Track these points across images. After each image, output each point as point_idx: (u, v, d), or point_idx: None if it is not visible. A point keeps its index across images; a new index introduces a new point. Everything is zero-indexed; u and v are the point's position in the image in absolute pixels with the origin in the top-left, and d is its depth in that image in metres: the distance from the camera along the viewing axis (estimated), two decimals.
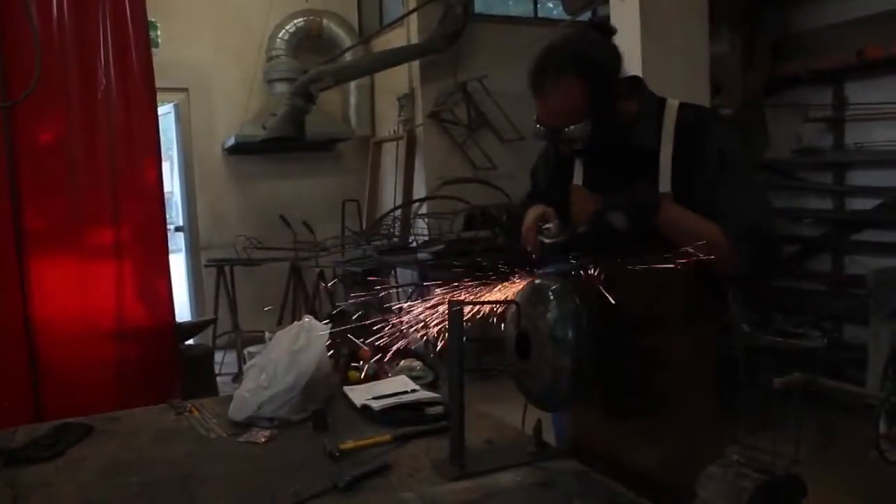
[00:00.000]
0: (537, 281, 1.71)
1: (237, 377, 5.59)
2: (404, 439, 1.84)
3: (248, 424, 1.99)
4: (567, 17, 7.33)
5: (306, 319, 2.22)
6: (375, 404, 2.00)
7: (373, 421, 1.99)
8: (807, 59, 5.01)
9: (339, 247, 6.68)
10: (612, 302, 1.59)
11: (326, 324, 2.15)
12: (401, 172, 7.32)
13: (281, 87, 7.19)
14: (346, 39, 7.56)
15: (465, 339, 1.63)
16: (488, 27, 7.12)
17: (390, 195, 7.51)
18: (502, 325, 1.79)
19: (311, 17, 7.45)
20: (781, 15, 5.37)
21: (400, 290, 6.80)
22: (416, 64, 6.93)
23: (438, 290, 1.70)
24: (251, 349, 3.04)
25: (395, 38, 7.10)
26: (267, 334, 3.00)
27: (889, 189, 4.82)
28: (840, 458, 3.35)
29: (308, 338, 2.10)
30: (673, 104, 1.77)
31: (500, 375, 1.66)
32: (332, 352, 2.21)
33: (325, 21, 7.50)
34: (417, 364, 2.39)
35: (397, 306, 1.75)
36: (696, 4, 4.26)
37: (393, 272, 6.81)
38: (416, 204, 6.87)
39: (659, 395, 1.74)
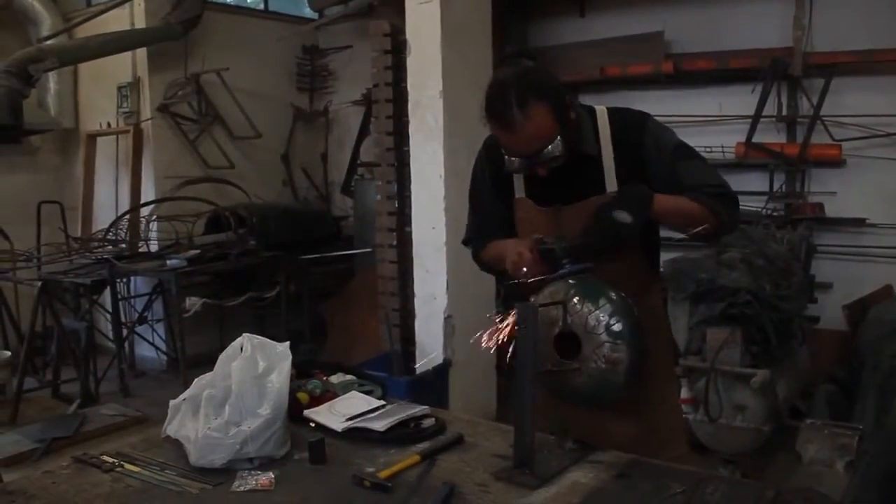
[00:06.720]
0: (570, 281, 1.71)
1: None
2: (430, 456, 1.70)
3: (222, 470, 1.66)
4: (303, 15, 7.20)
5: (248, 338, 1.91)
6: (377, 425, 1.81)
7: (367, 443, 1.79)
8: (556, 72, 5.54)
9: (52, 255, 5.75)
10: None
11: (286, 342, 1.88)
12: (123, 171, 6.50)
13: None
14: (42, 13, 6.45)
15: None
16: (219, 17, 6.64)
17: (108, 196, 6.63)
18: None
19: None
20: (523, 30, 5.89)
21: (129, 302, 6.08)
22: (142, 50, 6.20)
23: None
24: None
25: (112, 20, 6.23)
26: None
27: None
28: None
29: (268, 359, 1.82)
30: (602, 110, 1.92)
31: None
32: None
33: None
34: (350, 378, 2.20)
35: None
36: (482, 12, 4.50)
37: (127, 282, 6.05)
38: (153, 206, 6.14)
39: None
